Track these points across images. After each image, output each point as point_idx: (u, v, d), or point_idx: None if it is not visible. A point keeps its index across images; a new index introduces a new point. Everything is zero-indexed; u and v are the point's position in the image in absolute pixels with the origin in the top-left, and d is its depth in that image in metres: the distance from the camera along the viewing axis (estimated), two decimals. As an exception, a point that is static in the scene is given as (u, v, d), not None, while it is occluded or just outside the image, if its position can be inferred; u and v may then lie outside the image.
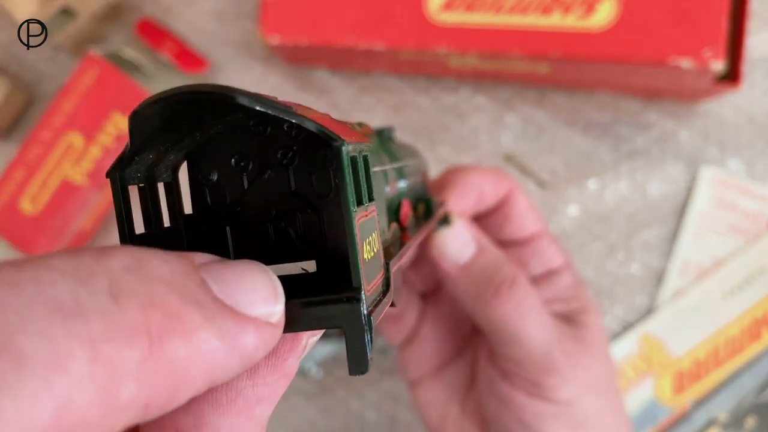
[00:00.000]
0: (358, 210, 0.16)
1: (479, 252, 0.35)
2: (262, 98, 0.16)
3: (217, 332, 0.14)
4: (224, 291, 0.15)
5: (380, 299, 0.18)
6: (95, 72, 0.54)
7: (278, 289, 0.16)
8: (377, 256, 0.18)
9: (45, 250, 0.54)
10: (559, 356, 0.34)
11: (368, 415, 0.55)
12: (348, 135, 0.17)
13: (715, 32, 0.45)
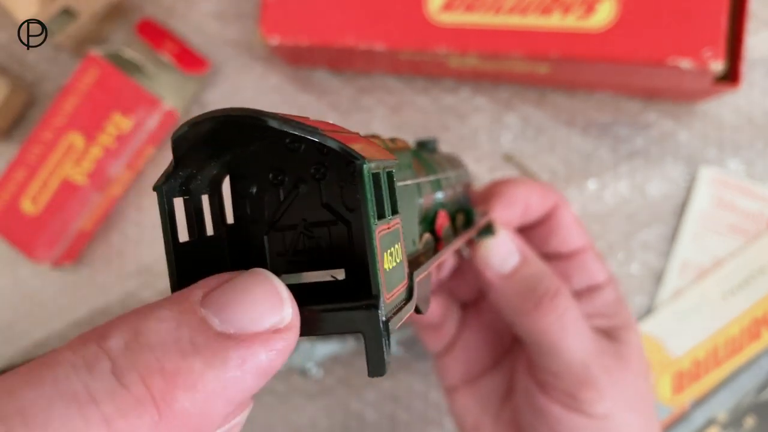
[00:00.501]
0: (379, 223, 0.17)
1: (523, 262, 0.35)
2: (290, 120, 0.17)
3: (222, 368, 0.15)
4: (227, 320, 0.16)
5: (401, 306, 0.19)
6: (96, 72, 0.54)
7: (283, 294, 0.17)
8: (400, 266, 0.19)
9: (45, 249, 0.54)
10: (597, 370, 0.34)
11: (368, 415, 0.55)
12: (372, 152, 0.18)
13: (714, 32, 0.45)
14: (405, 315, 0.19)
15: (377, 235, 0.17)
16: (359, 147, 0.18)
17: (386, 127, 0.56)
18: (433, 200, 0.28)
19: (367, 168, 0.17)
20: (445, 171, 0.32)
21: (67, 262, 0.56)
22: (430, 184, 0.28)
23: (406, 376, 0.54)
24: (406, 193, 0.23)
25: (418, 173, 0.26)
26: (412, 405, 0.54)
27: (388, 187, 0.19)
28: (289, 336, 0.16)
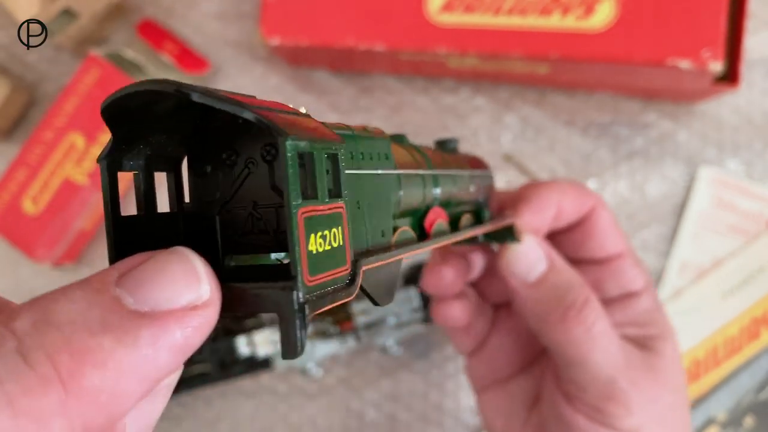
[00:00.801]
0: (304, 204, 0.17)
1: (550, 270, 0.34)
2: (211, 92, 0.17)
3: (132, 346, 0.15)
4: (141, 299, 0.16)
5: (331, 291, 0.18)
6: (97, 72, 0.54)
7: (200, 271, 0.17)
8: (339, 251, 0.19)
9: (46, 249, 0.54)
10: (624, 384, 0.33)
11: (368, 414, 0.55)
12: (306, 131, 0.18)
13: (713, 33, 0.45)
14: (339, 300, 0.18)
15: (300, 215, 0.17)
16: (286, 123, 0.17)
17: (386, 127, 0.56)
18: (424, 195, 0.27)
19: (291, 145, 0.17)
20: (450, 168, 0.31)
21: (68, 262, 0.57)
22: (422, 179, 0.27)
23: (406, 375, 0.55)
24: (372, 182, 0.23)
25: (404, 166, 0.26)
26: (412, 405, 0.54)
27: (329, 168, 0.19)
28: (206, 313, 0.16)
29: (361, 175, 0.22)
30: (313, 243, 0.17)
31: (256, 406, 0.55)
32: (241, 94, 0.19)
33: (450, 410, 0.54)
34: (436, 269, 0.38)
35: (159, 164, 0.21)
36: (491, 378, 0.40)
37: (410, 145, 0.29)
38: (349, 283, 0.19)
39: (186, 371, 0.53)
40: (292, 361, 0.51)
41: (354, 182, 0.21)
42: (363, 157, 0.22)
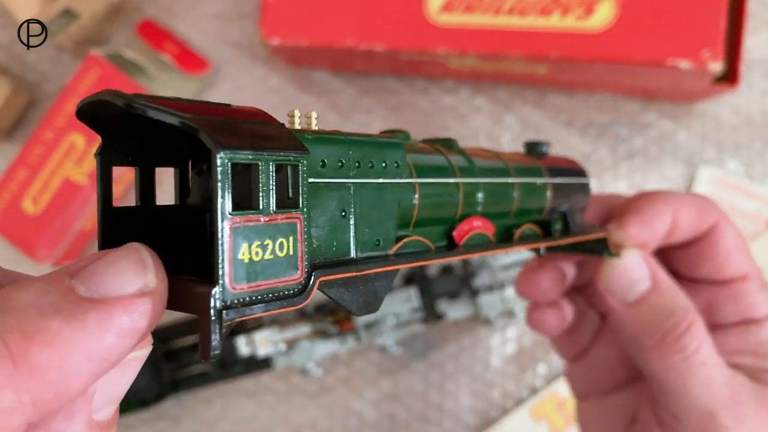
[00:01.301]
0: (238, 214, 0.18)
1: (653, 291, 0.31)
2: (152, 106, 0.18)
3: (79, 326, 0.16)
4: (92, 287, 0.17)
5: (273, 299, 0.19)
6: (97, 73, 0.54)
7: (147, 262, 0.18)
8: (288, 260, 0.19)
9: (47, 249, 0.54)
10: (726, 420, 0.30)
11: (368, 414, 0.55)
12: (253, 141, 0.18)
13: (713, 33, 0.45)
14: (283, 308, 0.19)
15: (228, 226, 0.17)
16: (225, 134, 0.18)
17: (386, 127, 0.56)
18: (456, 204, 0.26)
19: (223, 157, 0.17)
20: (504, 176, 0.29)
21: (69, 262, 0.57)
22: (454, 187, 0.26)
23: (406, 375, 0.55)
24: (369, 190, 0.23)
25: (436, 174, 0.25)
26: (412, 404, 0.54)
27: (290, 179, 0.19)
28: (151, 300, 0.18)
29: (350, 183, 0.22)
30: (245, 252, 0.18)
31: (256, 405, 0.55)
32: (208, 102, 0.19)
33: (450, 410, 0.54)
34: (530, 276, 0.36)
35: (162, 160, 0.22)
36: (590, 388, 0.38)
37: (458, 150, 0.28)
38: (299, 292, 0.19)
39: (186, 371, 0.53)
40: (292, 360, 0.51)
41: (336, 191, 0.22)
42: (360, 165, 0.23)
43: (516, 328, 0.54)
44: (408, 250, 0.25)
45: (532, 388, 0.54)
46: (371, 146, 0.23)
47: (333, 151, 0.22)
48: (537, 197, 0.31)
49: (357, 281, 0.22)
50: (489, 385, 0.54)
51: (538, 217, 0.32)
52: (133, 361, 0.20)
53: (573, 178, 0.34)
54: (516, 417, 0.53)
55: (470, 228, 0.27)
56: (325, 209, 0.21)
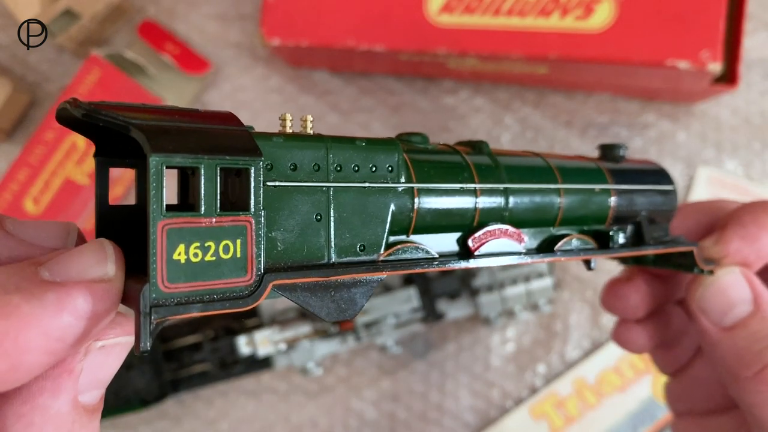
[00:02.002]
0: (171, 216, 0.18)
1: (754, 316, 0.28)
2: (95, 111, 0.19)
3: (38, 303, 0.17)
4: (55, 272, 0.18)
5: (215, 299, 0.19)
6: (98, 73, 0.54)
7: (108, 251, 0.19)
8: (232, 262, 0.19)
9: (48, 249, 0.54)
10: None
11: (368, 414, 0.55)
12: (198, 144, 0.19)
13: (712, 34, 0.45)
14: (227, 309, 0.19)
15: (160, 227, 0.18)
16: (164, 137, 0.18)
17: (386, 127, 0.57)
18: (472, 211, 0.25)
19: (155, 160, 0.18)
20: (549, 179, 0.27)
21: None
22: (468, 194, 0.25)
23: (406, 375, 0.55)
24: (353, 194, 0.23)
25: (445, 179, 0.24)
26: (412, 404, 0.55)
27: (244, 182, 0.20)
28: (107, 287, 0.19)
29: (327, 187, 0.22)
30: (181, 253, 0.18)
31: (257, 405, 0.56)
32: (172, 108, 0.20)
33: (449, 409, 0.54)
34: (616, 289, 0.33)
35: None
36: (687, 406, 0.35)
37: (487, 153, 0.27)
38: (248, 294, 0.20)
39: (187, 370, 0.53)
40: (292, 360, 0.51)
41: (309, 195, 0.22)
42: (341, 169, 0.22)
43: (515, 328, 0.55)
44: (402, 256, 0.24)
45: (532, 388, 0.54)
46: (356, 150, 0.23)
47: (306, 154, 0.22)
48: (593, 204, 0.28)
49: (327, 286, 0.21)
50: (489, 385, 0.54)
51: (598, 227, 0.29)
52: (116, 347, 0.21)
53: (651, 183, 0.31)
54: (516, 416, 0.53)
55: (490, 236, 0.25)
56: (294, 213, 0.21)
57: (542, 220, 0.27)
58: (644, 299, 0.33)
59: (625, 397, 0.52)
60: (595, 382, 0.53)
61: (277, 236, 0.21)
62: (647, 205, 0.30)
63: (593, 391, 0.53)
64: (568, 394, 0.53)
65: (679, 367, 0.36)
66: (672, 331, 0.35)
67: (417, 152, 0.25)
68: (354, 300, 0.22)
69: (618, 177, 0.30)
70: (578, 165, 0.29)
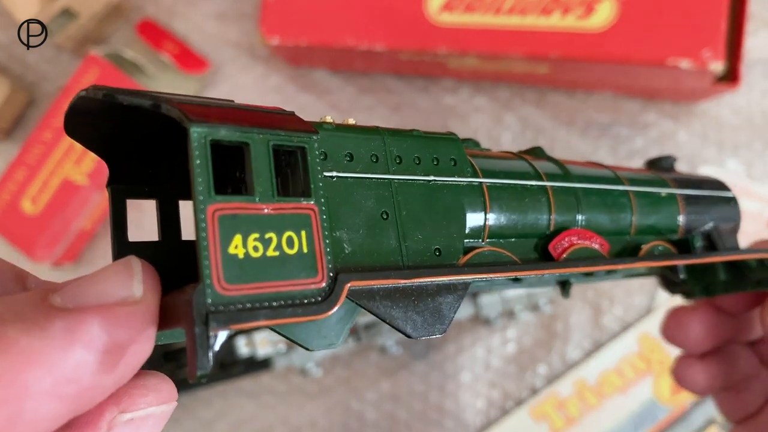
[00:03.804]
0: (221, 200, 0.15)
1: None
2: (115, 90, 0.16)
3: (41, 334, 0.14)
4: (69, 297, 0.15)
5: (284, 305, 0.16)
6: (96, 72, 0.54)
7: (135, 269, 0.16)
8: (299, 259, 0.16)
9: (46, 250, 0.54)
10: None
11: (368, 415, 0.55)
12: (240, 119, 0.16)
13: (714, 33, 0.45)
14: (297, 316, 0.16)
15: (210, 213, 0.15)
16: (202, 110, 0.15)
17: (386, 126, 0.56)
18: (544, 212, 0.23)
19: (198, 131, 0.15)
20: (616, 184, 0.25)
21: (68, 262, 0.56)
22: (541, 194, 0.23)
23: (406, 376, 0.54)
24: (421, 190, 0.20)
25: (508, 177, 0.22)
26: (412, 405, 0.54)
27: (300, 164, 0.17)
28: (132, 309, 0.15)
29: (390, 180, 0.19)
30: (238, 246, 0.15)
31: (256, 406, 0.55)
32: (207, 98, 0.17)
33: (450, 410, 0.54)
34: (679, 318, 0.31)
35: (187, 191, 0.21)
36: None
37: (546, 157, 0.25)
38: (323, 299, 0.16)
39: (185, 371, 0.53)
40: (291, 360, 0.51)
41: (371, 189, 0.19)
42: (401, 161, 0.19)
43: (516, 329, 0.54)
44: (480, 261, 0.21)
45: (533, 389, 0.54)
46: (415, 139, 0.20)
47: (363, 143, 0.19)
48: (664, 211, 0.27)
49: (409, 293, 0.18)
50: (489, 386, 0.54)
51: (672, 236, 0.27)
52: (149, 419, 0.16)
53: (711, 191, 0.30)
54: (516, 417, 0.53)
55: (571, 243, 0.23)
56: (358, 210, 0.18)
57: (618, 228, 0.25)
58: (709, 332, 0.31)
59: (626, 398, 0.52)
60: (596, 383, 0.53)
61: (342, 236, 0.18)
62: (714, 214, 0.29)
63: (594, 392, 0.52)
64: (569, 394, 0.53)
65: (746, 415, 0.33)
66: (739, 373, 0.32)
67: (475, 154, 0.22)
68: (440, 311, 0.19)
69: (682, 186, 0.28)
70: (641, 174, 0.28)
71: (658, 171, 0.30)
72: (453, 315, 0.19)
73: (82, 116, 0.17)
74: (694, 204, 0.28)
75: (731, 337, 0.32)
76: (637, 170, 0.29)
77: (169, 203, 0.20)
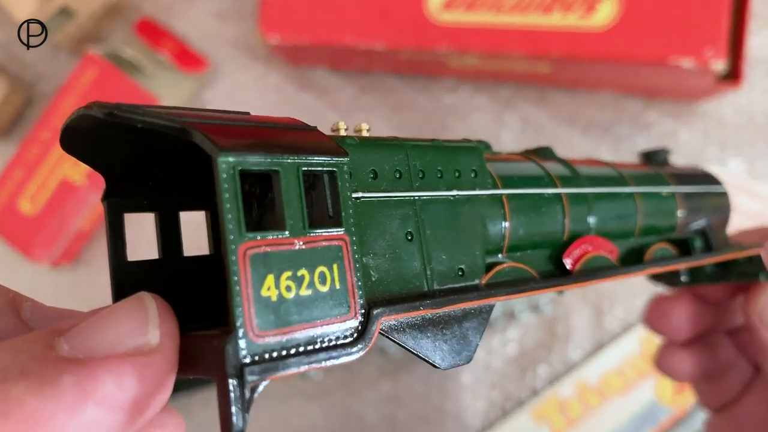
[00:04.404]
0: (253, 236, 0.14)
1: None
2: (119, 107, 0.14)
3: (50, 392, 0.13)
4: (78, 345, 0.14)
5: (318, 349, 0.15)
6: (94, 72, 0.53)
7: (150, 313, 0.14)
8: (331, 296, 0.15)
9: (44, 250, 0.54)
10: None
11: (368, 416, 0.54)
12: (269, 144, 0.15)
13: (716, 32, 0.45)
14: (332, 360, 0.15)
15: (241, 252, 0.13)
16: (228, 135, 0.14)
17: (386, 126, 0.56)
18: (562, 222, 0.22)
19: (226, 162, 0.13)
20: (622, 185, 0.25)
21: (66, 262, 0.56)
22: (556, 201, 0.22)
23: (406, 377, 0.54)
24: (443, 206, 0.19)
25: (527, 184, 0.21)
26: (413, 406, 0.54)
27: (329, 190, 0.16)
28: (150, 361, 0.14)
29: (414, 198, 0.18)
30: (270, 287, 0.14)
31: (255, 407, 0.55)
32: (217, 110, 0.16)
33: (450, 412, 0.54)
34: (662, 307, 0.31)
35: (188, 202, 0.18)
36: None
37: (557, 159, 0.24)
38: (356, 338, 0.15)
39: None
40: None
41: (396, 208, 0.17)
42: (424, 176, 0.18)
43: (517, 329, 0.54)
44: (503, 279, 0.20)
45: (533, 390, 0.54)
46: (437, 151, 0.19)
47: (386, 158, 0.18)
48: (665, 210, 0.27)
49: (437, 322, 0.17)
50: (490, 387, 0.54)
51: (671, 235, 0.27)
52: None
53: (705, 186, 0.30)
54: (517, 418, 0.53)
55: (585, 251, 0.22)
56: (384, 232, 0.17)
57: (624, 231, 0.25)
58: (690, 320, 0.31)
59: (628, 399, 0.52)
60: (597, 384, 0.52)
61: (368, 263, 0.17)
62: (707, 209, 0.29)
63: (595, 394, 0.52)
64: (570, 396, 0.52)
65: (724, 403, 0.33)
66: (719, 362, 0.32)
67: (488, 159, 0.21)
68: (467, 337, 0.18)
69: (680, 181, 0.28)
70: (642, 171, 0.28)
71: (654, 165, 0.30)
72: (478, 341, 0.18)
73: (81, 133, 0.16)
74: (691, 200, 0.28)
75: (712, 326, 0.32)
76: (637, 166, 0.28)
77: (170, 216, 0.19)
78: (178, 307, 0.15)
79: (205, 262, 0.19)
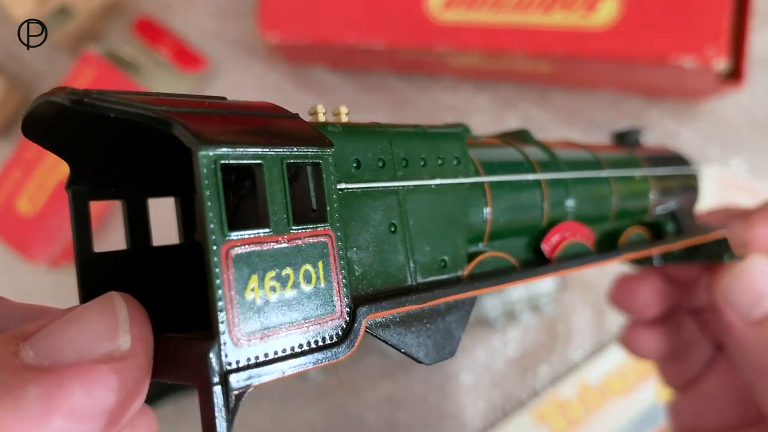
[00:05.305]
0: (234, 235, 0.13)
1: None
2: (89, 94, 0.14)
3: (16, 405, 0.12)
4: (43, 351, 0.13)
5: (302, 351, 0.14)
6: (93, 71, 0.53)
7: (120, 316, 0.13)
8: (316, 295, 0.14)
9: (42, 250, 0.53)
10: None
11: (368, 418, 0.54)
12: (251, 134, 0.14)
13: (717, 30, 0.45)
14: (319, 363, 0.14)
15: (223, 252, 0.13)
16: (210, 126, 0.13)
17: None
18: (541, 208, 0.22)
19: (206, 155, 0.13)
20: (596, 169, 0.25)
21: (65, 263, 0.56)
22: (534, 187, 0.22)
23: (407, 378, 0.54)
24: (425, 196, 0.18)
25: (505, 170, 0.21)
26: (412, 407, 0.54)
27: (313, 183, 0.15)
28: (124, 367, 0.13)
29: (398, 187, 0.17)
30: (254, 288, 0.13)
31: (255, 409, 0.55)
32: (192, 95, 0.15)
33: (451, 413, 0.54)
34: (628, 285, 0.32)
35: (156, 189, 0.18)
36: (695, 424, 0.33)
37: (535, 142, 0.24)
38: (341, 337, 0.15)
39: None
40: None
41: (379, 199, 0.17)
42: (408, 164, 0.18)
43: (517, 329, 0.54)
44: (487, 269, 0.20)
45: (534, 391, 0.53)
46: (420, 138, 0.18)
47: (370, 146, 0.17)
48: (638, 193, 0.27)
49: (421, 317, 0.17)
50: (490, 387, 0.54)
51: (643, 218, 0.27)
52: None
53: (676, 168, 0.29)
54: (517, 419, 0.52)
55: (562, 237, 0.22)
56: (367, 224, 0.17)
57: (601, 216, 0.25)
58: (656, 298, 0.31)
59: (629, 400, 0.52)
60: (598, 385, 0.52)
61: (352, 257, 0.16)
62: (678, 192, 0.29)
63: (596, 395, 0.52)
64: (571, 397, 0.52)
65: (687, 382, 0.34)
66: (682, 341, 0.33)
67: (469, 143, 0.21)
68: (450, 332, 0.18)
69: (653, 164, 0.28)
70: (616, 154, 0.27)
71: (626, 146, 0.30)
72: (461, 334, 0.18)
73: (45, 120, 0.15)
74: (663, 183, 0.29)
75: (676, 305, 0.32)
76: (611, 148, 0.28)
77: (138, 204, 0.18)
78: (149, 300, 0.14)
79: (175, 250, 0.18)
